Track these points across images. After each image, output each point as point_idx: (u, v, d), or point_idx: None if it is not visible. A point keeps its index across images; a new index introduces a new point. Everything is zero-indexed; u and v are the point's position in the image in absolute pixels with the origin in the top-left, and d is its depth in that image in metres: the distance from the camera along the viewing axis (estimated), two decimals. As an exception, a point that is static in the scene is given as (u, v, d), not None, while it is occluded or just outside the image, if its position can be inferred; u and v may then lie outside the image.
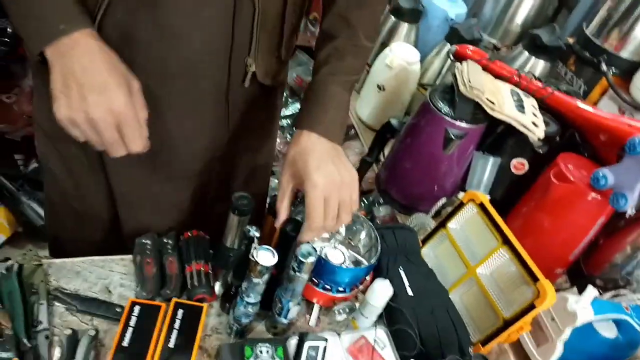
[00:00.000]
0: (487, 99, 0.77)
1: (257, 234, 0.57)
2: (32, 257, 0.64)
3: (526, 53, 1.04)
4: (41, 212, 1.37)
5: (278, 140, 1.62)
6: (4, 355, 0.52)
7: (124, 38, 0.60)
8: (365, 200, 1.13)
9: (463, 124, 0.79)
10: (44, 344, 0.55)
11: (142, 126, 0.54)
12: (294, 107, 1.49)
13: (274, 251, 0.56)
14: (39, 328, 0.56)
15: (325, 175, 0.59)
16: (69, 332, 0.56)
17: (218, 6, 0.62)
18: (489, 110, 0.77)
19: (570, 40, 1.06)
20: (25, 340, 0.54)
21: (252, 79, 0.70)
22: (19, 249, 1.38)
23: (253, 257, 0.55)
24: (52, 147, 0.75)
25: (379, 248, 0.67)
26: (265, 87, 0.75)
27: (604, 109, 0.99)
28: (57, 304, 0.60)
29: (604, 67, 0.96)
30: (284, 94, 1.59)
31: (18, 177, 1.47)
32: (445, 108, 0.79)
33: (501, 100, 0.78)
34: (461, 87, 0.78)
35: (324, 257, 0.63)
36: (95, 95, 0.50)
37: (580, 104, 0.82)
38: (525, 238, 0.70)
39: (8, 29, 1.36)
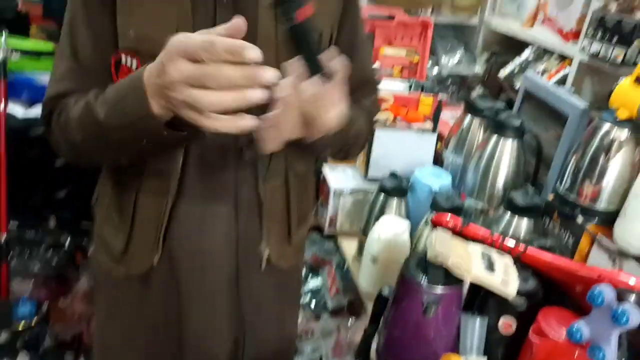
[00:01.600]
0: (453, 263, 0.82)
1: None
2: None
3: (509, 213, 1.10)
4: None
5: (301, 318, 1.67)
6: None
7: None
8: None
9: (437, 289, 0.83)
10: None
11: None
12: (313, 283, 1.57)
13: None
14: None
15: None
16: None
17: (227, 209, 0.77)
18: (456, 274, 0.82)
19: (550, 197, 1.12)
20: None
21: (267, 264, 0.82)
22: None
23: None
24: None
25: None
26: (280, 273, 0.86)
27: (595, 260, 1.01)
28: None
29: (579, 220, 1.00)
30: (304, 272, 1.69)
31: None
32: (418, 274, 0.85)
33: (468, 262, 0.83)
34: (429, 255, 0.84)
35: None
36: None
37: (552, 258, 0.85)
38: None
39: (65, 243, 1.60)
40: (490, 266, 0.84)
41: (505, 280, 0.82)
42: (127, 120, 0.63)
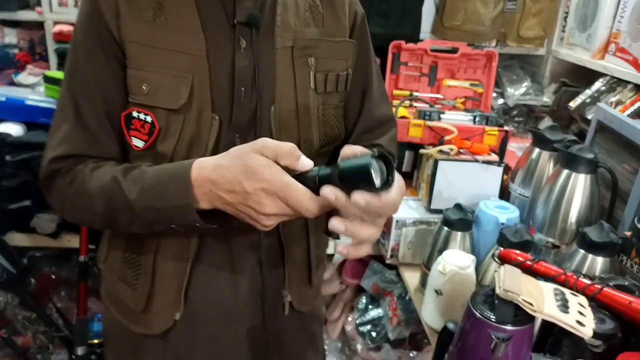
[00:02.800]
0: (524, 300, 0.80)
1: None
2: None
3: (582, 251, 1.06)
4: None
5: (360, 346, 1.66)
6: None
7: None
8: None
9: (506, 327, 0.81)
10: None
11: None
12: (374, 312, 1.56)
13: None
14: None
15: None
16: None
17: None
18: (528, 311, 0.79)
19: (628, 234, 1.07)
20: None
21: (290, 309, 0.83)
22: None
23: None
24: None
25: None
26: (302, 316, 0.87)
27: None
28: None
29: (662, 259, 0.95)
30: (364, 301, 1.68)
31: None
32: (485, 311, 0.83)
33: (541, 300, 0.81)
34: (497, 291, 0.82)
35: None
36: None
37: (630, 299, 0.81)
38: None
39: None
40: (564, 305, 0.81)
41: (581, 320, 0.78)
42: (164, 205, 0.66)
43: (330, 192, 0.57)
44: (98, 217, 0.72)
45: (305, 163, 0.61)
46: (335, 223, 0.60)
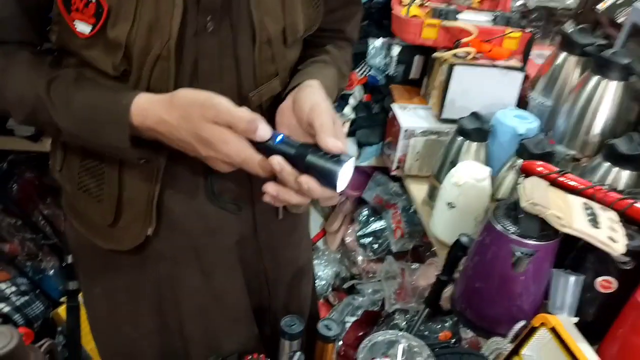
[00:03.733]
0: (553, 215, 0.74)
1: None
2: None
3: (606, 164, 0.99)
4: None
5: (360, 257, 1.64)
6: None
7: None
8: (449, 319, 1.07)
9: (530, 242, 0.76)
10: None
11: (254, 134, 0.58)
12: (375, 224, 1.53)
13: None
14: None
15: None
16: None
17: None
18: (556, 226, 0.74)
19: (657, 147, 1.00)
20: None
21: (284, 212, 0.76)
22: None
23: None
24: None
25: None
26: (294, 218, 0.82)
27: None
28: None
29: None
30: (365, 213, 1.64)
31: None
32: (508, 224, 0.77)
33: (569, 215, 0.75)
34: (522, 204, 0.76)
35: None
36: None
37: (666, 215, 0.75)
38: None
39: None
40: (594, 219, 0.75)
41: (612, 236, 0.73)
42: (98, 142, 0.63)
43: (278, 164, 0.57)
44: (18, 120, 0.67)
45: (263, 135, 0.58)
46: (269, 188, 0.60)
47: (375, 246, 1.55)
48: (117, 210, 0.69)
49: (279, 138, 0.59)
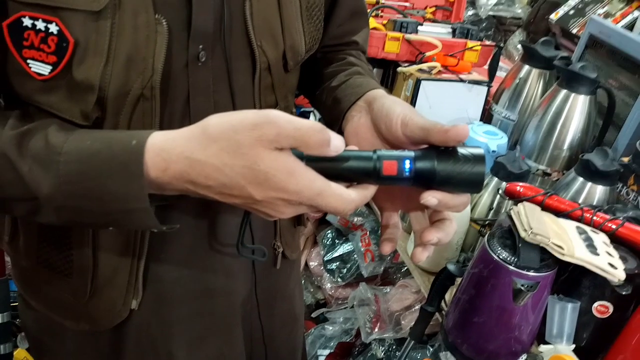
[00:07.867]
0: (554, 244, 0.71)
1: None
2: None
3: (581, 179, 0.99)
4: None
5: (329, 285, 1.58)
6: None
7: None
8: (430, 347, 1.04)
9: (531, 273, 0.73)
10: None
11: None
12: (342, 248, 1.47)
13: None
14: None
15: None
16: None
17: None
18: (558, 256, 0.71)
19: (625, 160, 1.01)
20: None
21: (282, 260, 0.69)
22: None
23: None
24: None
25: None
26: (290, 265, 0.75)
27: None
28: None
29: (670, 186, 0.89)
30: (329, 235, 1.58)
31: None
32: (507, 256, 0.74)
33: (569, 242, 0.72)
34: (522, 234, 0.73)
35: None
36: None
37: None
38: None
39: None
40: (592, 245, 0.73)
41: (611, 262, 0.71)
42: (101, 209, 0.45)
43: (432, 197, 0.47)
44: None
45: (338, 145, 0.43)
46: (430, 236, 0.53)
47: (344, 271, 1.48)
48: (93, 285, 0.57)
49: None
